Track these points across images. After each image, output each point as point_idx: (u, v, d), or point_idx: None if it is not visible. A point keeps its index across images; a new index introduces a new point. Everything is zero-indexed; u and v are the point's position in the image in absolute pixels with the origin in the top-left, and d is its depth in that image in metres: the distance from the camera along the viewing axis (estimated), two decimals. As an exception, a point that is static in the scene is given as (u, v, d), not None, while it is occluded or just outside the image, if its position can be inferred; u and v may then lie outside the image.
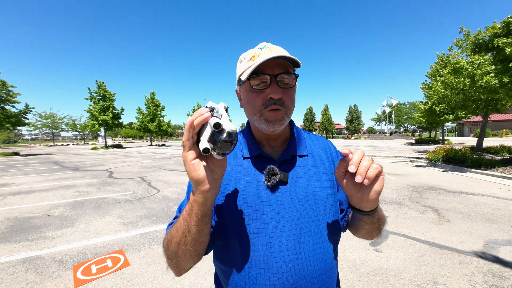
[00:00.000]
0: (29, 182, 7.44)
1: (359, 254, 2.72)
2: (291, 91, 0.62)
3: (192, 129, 0.44)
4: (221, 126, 0.42)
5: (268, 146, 0.70)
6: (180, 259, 0.55)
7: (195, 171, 0.46)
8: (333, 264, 0.63)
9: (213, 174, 0.48)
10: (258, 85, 0.60)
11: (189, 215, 0.51)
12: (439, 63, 14.16)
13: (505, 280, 2.19)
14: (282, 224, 0.59)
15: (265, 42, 0.63)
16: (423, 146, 20.62)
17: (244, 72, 0.60)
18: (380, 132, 51.66)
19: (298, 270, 0.57)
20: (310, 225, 0.60)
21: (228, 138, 0.42)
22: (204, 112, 0.44)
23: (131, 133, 65.37)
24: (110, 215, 4.19)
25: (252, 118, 0.64)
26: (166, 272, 2.43)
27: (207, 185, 0.47)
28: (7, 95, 18.12)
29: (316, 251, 0.59)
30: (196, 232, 0.51)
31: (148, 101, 32.17)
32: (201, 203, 0.49)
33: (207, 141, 0.43)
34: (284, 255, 0.57)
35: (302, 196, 0.62)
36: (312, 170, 0.67)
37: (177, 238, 0.53)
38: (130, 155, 17.17)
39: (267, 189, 0.62)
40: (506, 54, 6.59)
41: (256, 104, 0.61)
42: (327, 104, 54.13)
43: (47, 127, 39.02)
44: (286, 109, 0.61)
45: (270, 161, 0.65)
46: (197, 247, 0.54)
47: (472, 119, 34.01)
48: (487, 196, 4.92)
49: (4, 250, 2.96)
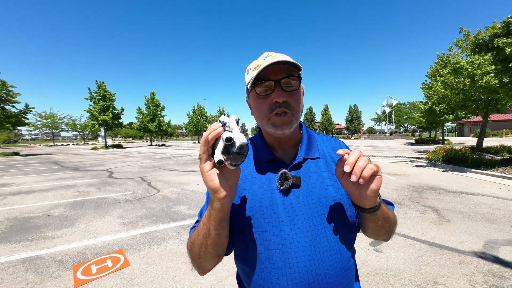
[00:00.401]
0: (29, 182, 7.44)
1: (359, 254, 2.72)
2: (296, 93, 0.65)
3: (207, 143, 0.49)
4: (233, 140, 0.46)
5: (280, 150, 0.72)
6: (203, 260, 0.60)
7: (211, 180, 0.51)
8: (350, 263, 0.65)
9: (228, 182, 0.53)
10: (263, 92, 0.63)
11: (208, 220, 0.56)
12: (439, 63, 14.15)
13: (505, 280, 2.19)
14: (297, 226, 0.61)
15: (268, 52, 0.67)
16: (423, 146, 20.62)
17: (250, 81, 0.64)
18: (380, 132, 51.65)
19: (315, 270, 0.59)
20: (324, 226, 0.62)
21: (240, 150, 0.46)
22: (217, 127, 0.48)
23: (131, 133, 65.38)
24: (110, 215, 4.19)
25: (261, 124, 0.67)
26: (166, 272, 2.43)
27: (223, 193, 0.51)
28: (7, 95, 18.10)
29: (332, 251, 0.61)
30: (215, 235, 0.56)
31: (148, 101, 32.17)
32: (218, 209, 0.53)
33: (221, 153, 0.47)
34: (300, 255, 0.59)
35: (316, 198, 0.64)
36: (325, 171, 0.68)
37: (199, 241, 0.58)
38: (130, 155, 17.17)
39: (281, 193, 0.64)
40: (506, 54, 6.59)
41: (263, 109, 0.64)
42: (327, 104, 54.14)
43: (47, 127, 38.96)
44: (293, 111, 0.64)
45: (283, 165, 0.67)
46: (217, 249, 0.59)
47: (472, 119, 34.00)
48: (487, 196, 4.92)
49: (4, 250, 2.96)
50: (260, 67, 0.61)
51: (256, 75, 0.61)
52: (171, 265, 2.56)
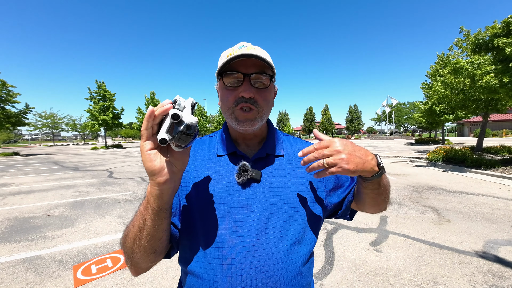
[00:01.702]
0: (29, 182, 7.44)
1: (359, 254, 2.72)
2: (266, 92, 0.62)
3: (152, 119, 0.43)
4: (180, 118, 0.42)
5: (243, 145, 0.69)
6: (136, 256, 0.53)
7: (150, 161, 0.45)
8: (304, 269, 0.59)
9: (172, 167, 0.47)
10: (231, 83, 0.60)
11: (145, 208, 0.49)
12: (439, 63, 14.15)
13: (505, 280, 2.19)
14: (250, 223, 0.57)
15: (245, 42, 0.63)
16: (423, 146, 20.63)
17: (218, 68, 0.60)
18: (380, 132, 51.67)
19: (263, 273, 0.54)
20: (280, 225, 0.58)
21: (186, 130, 0.42)
22: (165, 103, 0.43)
23: (131, 133, 65.40)
24: (110, 215, 4.19)
25: (225, 116, 0.64)
26: (166, 272, 2.43)
27: (163, 177, 0.46)
28: (7, 95, 18.09)
29: (285, 252, 0.56)
30: (151, 226, 0.49)
31: (148, 101, 32.15)
32: (156, 195, 0.47)
33: (165, 132, 0.43)
34: (249, 255, 0.54)
35: (275, 195, 0.60)
36: (287, 170, 0.65)
37: (133, 233, 0.51)
38: (130, 155, 17.16)
39: (238, 186, 0.60)
40: (506, 54, 6.59)
41: (228, 101, 0.60)
42: (327, 104, 54.15)
43: (47, 127, 38.97)
44: (259, 109, 0.60)
45: (244, 159, 0.64)
46: (153, 243, 0.52)
47: (472, 119, 34.00)
48: (487, 196, 4.92)
49: (4, 250, 2.96)
50: (231, 55, 0.57)
51: (224, 63, 0.57)
52: (171, 265, 2.55)
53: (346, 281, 2.26)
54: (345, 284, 2.21)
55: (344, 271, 2.40)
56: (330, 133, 53.29)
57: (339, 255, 2.71)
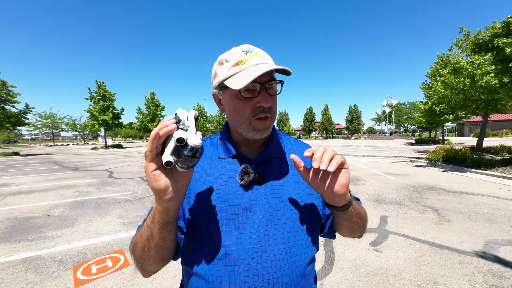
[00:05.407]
0: (29, 182, 7.44)
1: (359, 254, 2.72)
2: (276, 98, 0.63)
3: (156, 140, 0.43)
4: (185, 141, 0.41)
5: (245, 147, 0.68)
6: (145, 263, 0.55)
7: (155, 181, 0.45)
8: (308, 270, 0.60)
9: (176, 183, 0.48)
10: (247, 93, 0.58)
11: (152, 222, 0.51)
12: (439, 63, 14.16)
13: (505, 280, 2.19)
14: (254, 225, 0.57)
15: (248, 45, 0.61)
16: (423, 146, 20.62)
17: (231, 77, 0.57)
18: (380, 132, 51.64)
19: (266, 275, 0.54)
20: (283, 227, 0.58)
21: (192, 153, 0.41)
22: (169, 123, 0.42)
23: (131, 133, 65.42)
24: (110, 215, 4.19)
25: (239, 126, 0.61)
26: (166, 272, 2.43)
27: (168, 195, 0.47)
28: (7, 95, 18.10)
29: (288, 254, 0.57)
30: (159, 239, 0.52)
31: (148, 101, 32.17)
32: (162, 212, 0.48)
33: (170, 154, 0.42)
34: (253, 257, 0.55)
35: (277, 197, 0.60)
36: (290, 171, 0.66)
37: (142, 244, 0.53)
38: (130, 155, 17.16)
39: (241, 189, 0.60)
40: (506, 54, 6.59)
41: (244, 112, 0.59)
42: (327, 104, 54.20)
43: (47, 127, 38.96)
44: (272, 115, 0.61)
45: (246, 161, 0.64)
46: (162, 252, 0.54)
47: (472, 119, 33.98)
48: (487, 196, 4.92)
49: (4, 250, 2.96)
50: (244, 63, 0.56)
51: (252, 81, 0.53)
52: (171, 265, 2.55)
53: (346, 281, 2.26)
54: (345, 284, 2.21)
55: (344, 271, 2.40)
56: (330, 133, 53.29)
57: (339, 255, 2.71)
